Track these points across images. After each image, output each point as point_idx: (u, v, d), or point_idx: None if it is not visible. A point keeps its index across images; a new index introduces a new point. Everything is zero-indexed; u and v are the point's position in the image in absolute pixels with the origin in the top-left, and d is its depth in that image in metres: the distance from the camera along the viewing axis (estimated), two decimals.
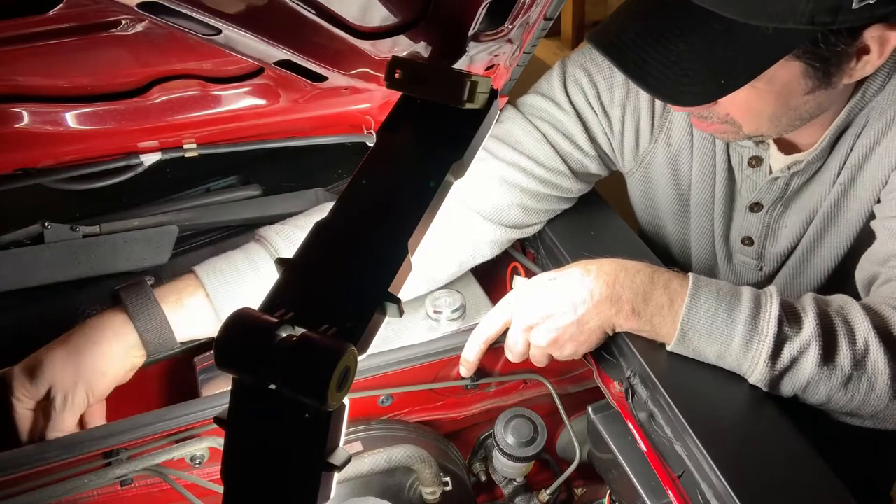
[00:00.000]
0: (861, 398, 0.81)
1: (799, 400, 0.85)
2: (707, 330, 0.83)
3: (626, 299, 0.86)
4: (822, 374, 0.80)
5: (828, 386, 0.81)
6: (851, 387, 0.80)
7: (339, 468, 0.64)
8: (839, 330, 0.81)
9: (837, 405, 0.83)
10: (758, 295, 0.84)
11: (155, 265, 1.15)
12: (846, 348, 0.80)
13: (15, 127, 0.91)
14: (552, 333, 0.88)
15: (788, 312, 0.82)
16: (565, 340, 0.88)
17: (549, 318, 0.88)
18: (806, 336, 0.80)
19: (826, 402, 0.83)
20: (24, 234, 1.10)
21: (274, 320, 0.64)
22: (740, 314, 0.82)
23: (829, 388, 0.81)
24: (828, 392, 0.81)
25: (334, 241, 0.74)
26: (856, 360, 0.80)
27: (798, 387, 0.82)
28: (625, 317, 0.87)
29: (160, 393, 1.13)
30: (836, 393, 0.81)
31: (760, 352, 0.81)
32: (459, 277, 1.18)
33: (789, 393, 0.84)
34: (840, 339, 0.80)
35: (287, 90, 1.04)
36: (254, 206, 1.25)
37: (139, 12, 0.68)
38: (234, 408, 0.67)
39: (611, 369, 0.92)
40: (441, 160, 0.79)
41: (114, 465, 0.89)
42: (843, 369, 0.80)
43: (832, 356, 0.80)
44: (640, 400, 0.87)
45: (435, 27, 0.84)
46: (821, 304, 0.84)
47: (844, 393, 0.81)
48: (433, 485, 1.00)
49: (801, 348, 0.80)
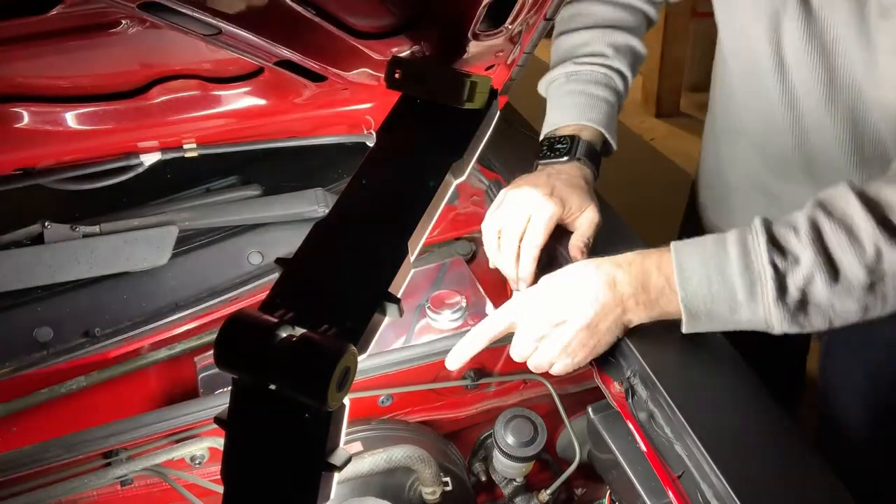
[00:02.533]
0: (887, 289, 0.76)
1: (847, 324, 0.80)
2: (709, 298, 0.81)
3: (629, 295, 0.85)
4: (840, 292, 0.76)
5: (854, 300, 0.77)
6: (880, 290, 0.76)
7: (339, 468, 0.64)
8: (842, 242, 0.76)
9: (878, 310, 0.78)
10: (744, 238, 0.80)
11: (155, 265, 1.15)
12: (855, 260, 0.75)
13: (15, 127, 0.91)
14: (564, 341, 0.87)
15: (780, 244, 0.78)
16: (577, 348, 0.88)
17: (560, 327, 0.87)
18: (807, 263, 0.76)
19: (865, 312, 0.78)
20: (24, 234, 1.10)
21: (274, 320, 0.64)
22: (732, 268, 0.79)
23: (856, 301, 0.77)
24: (859, 305, 0.77)
25: (334, 240, 0.74)
26: (870, 268, 0.75)
27: (825, 315, 0.78)
28: (634, 312, 0.86)
29: (160, 393, 1.13)
30: (867, 301, 0.77)
31: (767, 297, 0.78)
32: (459, 277, 1.18)
33: (823, 324, 0.79)
34: (845, 252, 0.76)
35: (287, 90, 1.04)
36: (254, 206, 1.25)
37: (139, 12, 0.68)
38: (234, 408, 0.67)
39: (611, 369, 0.92)
40: (441, 160, 0.79)
41: (114, 465, 0.89)
42: (860, 280, 0.76)
43: (842, 272, 0.76)
44: (640, 400, 0.87)
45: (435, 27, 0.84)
46: (815, 218, 0.79)
47: (875, 298, 0.77)
48: (433, 485, 1.00)
49: (806, 278, 0.76)
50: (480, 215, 1.28)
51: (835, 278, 0.76)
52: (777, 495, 0.75)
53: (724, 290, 0.80)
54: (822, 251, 0.76)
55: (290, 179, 1.30)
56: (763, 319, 0.80)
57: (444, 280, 1.21)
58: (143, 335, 1.11)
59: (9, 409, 1.04)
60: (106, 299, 1.13)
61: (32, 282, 1.09)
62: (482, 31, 0.85)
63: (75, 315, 1.11)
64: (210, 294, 1.16)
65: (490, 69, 0.98)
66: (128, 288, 1.15)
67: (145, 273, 1.15)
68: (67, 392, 1.06)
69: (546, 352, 0.89)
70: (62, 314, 1.11)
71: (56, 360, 1.07)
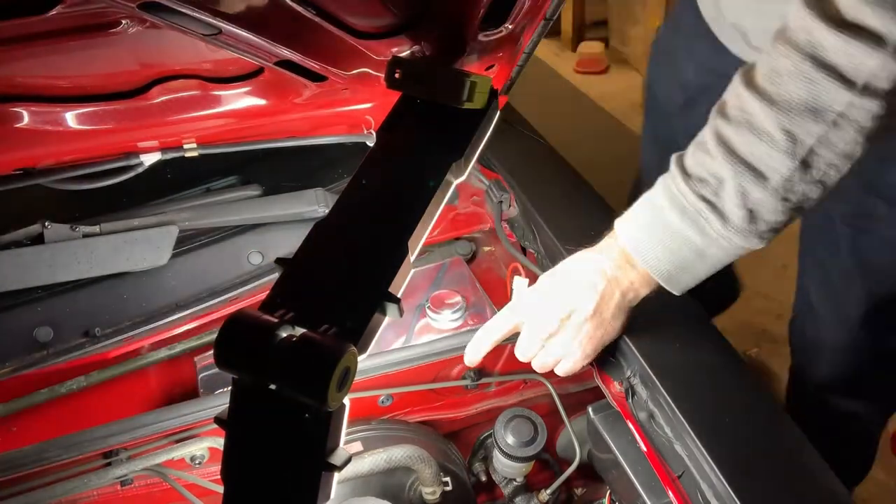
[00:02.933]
0: (823, 161, 0.73)
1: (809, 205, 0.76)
2: (671, 257, 0.80)
3: (621, 276, 0.85)
4: (778, 185, 0.73)
5: (798, 182, 0.73)
6: (816, 162, 0.72)
7: (339, 468, 0.64)
8: (749, 140, 0.73)
9: (833, 174, 0.74)
10: (666, 186, 0.80)
11: (155, 265, 1.15)
12: (770, 151, 0.72)
13: (15, 127, 0.91)
14: (572, 333, 0.87)
15: (698, 173, 0.76)
16: (586, 340, 0.87)
17: (568, 320, 0.87)
18: (730, 179, 0.74)
19: (821, 186, 0.74)
20: (24, 234, 1.10)
21: (274, 320, 0.64)
22: (671, 219, 0.78)
23: (801, 183, 0.73)
24: (807, 185, 0.74)
25: (334, 240, 0.74)
26: (789, 151, 0.72)
27: (783, 210, 0.75)
28: (632, 290, 0.85)
29: (160, 393, 1.13)
30: (812, 177, 0.73)
31: (716, 229, 0.76)
32: (459, 277, 1.18)
33: (789, 216, 0.76)
34: (757, 148, 0.73)
35: (287, 90, 1.04)
36: (254, 206, 1.25)
37: (139, 12, 0.68)
38: (234, 408, 0.67)
39: (611, 369, 0.92)
40: (441, 160, 0.79)
41: (114, 465, 0.89)
42: (788, 166, 0.72)
43: (766, 169, 0.73)
44: (640, 400, 0.87)
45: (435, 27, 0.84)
46: (717, 129, 0.76)
47: (819, 168, 0.72)
48: (433, 485, 1.00)
49: (738, 193, 0.74)
50: (480, 215, 1.28)
51: (763, 178, 0.74)
52: (777, 495, 0.75)
53: (678, 243, 0.79)
54: (737, 160, 0.74)
55: (290, 179, 1.30)
56: (730, 247, 0.78)
57: (444, 280, 1.21)
58: (143, 335, 1.11)
59: (9, 409, 1.04)
60: (106, 299, 1.13)
61: (32, 282, 1.09)
62: (482, 31, 0.85)
63: (75, 315, 1.11)
64: (210, 294, 1.16)
65: (490, 69, 0.98)
66: (128, 288, 1.15)
67: (145, 273, 1.15)
68: (67, 392, 1.06)
69: (554, 348, 0.89)
70: (62, 314, 1.11)
71: (56, 360, 1.07)
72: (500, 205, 1.18)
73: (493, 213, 1.20)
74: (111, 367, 1.10)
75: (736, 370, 0.89)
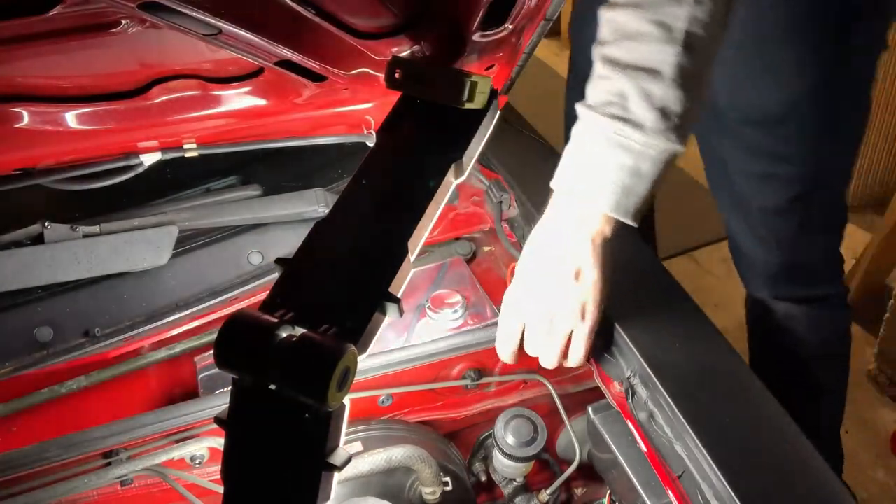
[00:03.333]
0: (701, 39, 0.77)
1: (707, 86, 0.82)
2: (607, 185, 0.81)
3: (583, 229, 0.84)
4: (676, 76, 0.77)
5: (695, 60, 0.78)
6: (697, 37, 0.77)
7: (339, 468, 0.64)
8: (630, 46, 0.78)
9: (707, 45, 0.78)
10: (576, 128, 0.83)
11: (155, 265, 1.15)
12: (654, 46, 0.77)
13: (15, 127, 0.91)
14: (572, 304, 0.86)
15: (600, 98, 0.80)
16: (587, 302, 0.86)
17: (561, 295, 0.86)
18: (630, 88, 0.78)
19: (715, 40, 0.79)
20: (24, 234, 1.10)
21: (274, 320, 0.64)
22: (592, 149, 0.81)
23: (699, 59, 0.78)
24: (706, 58, 0.79)
25: (334, 240, 0.74)
26: (669, 38, 0.77)
27: (690, 99, 0.79)
28: (598, 235, 0.85)
29: (160, 393, 1.13)
30: (710, 49, 0.78)
31: (637, 142, 0.79)
32: (459, 277, 1.18)
33: (691, 103, 0.79)
34: (642, 46, 0.77)
35: (287, 90, 1.04)
36: (254, 206, 1.25)
37: (139, 12, 0.68)
38: (234, 408, 0.67)
39: (611, 369, 0.92)
40: (441, 160, 0.79)
41: (114, 465, 0.89)
42: (673, 54, 0.77)
43: (656, 64, 0.77)
44: (640, 400, 0.87)
45: (435, 27, 0.84)
46: (602, 54, 0.81)
47: (691, 54, 0.77)
48: (433, 485, 1.00)
49: (643, 96, 0.78)
50: (480, 215, 1.28)
51: (657, 74, 0.77)
52: (777, 495, 0.75)
53: (613, 170, 0.81)
54: (629, 67, 0.78)
55: (290, 179, 1.30)
56: (658, 154, 0.80)
57: (444, 280, 1.21)
58: (143, 335, 1.11)
59: (9, 409, 1.04)
60: (106, 299, 1.13)
61: (32, 282, 1.09)
62: (482, 31, 0.85)
63: (75, 315, 1.11)
64: (210, 294, 1.16)
65: (490, 69, 0.98)
66: (128, 288, 1.15)
67: (145, 273, 1.15)
68: (67, 392, 1.06)
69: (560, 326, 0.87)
70: (62, 314, 1.11)
71: (56, 360, 1.07)
72: (500, 205, 1.19)
73: (493, 213, 1.20)
74: (111, 367, 1.10)
75: (736, 370, 0.89)
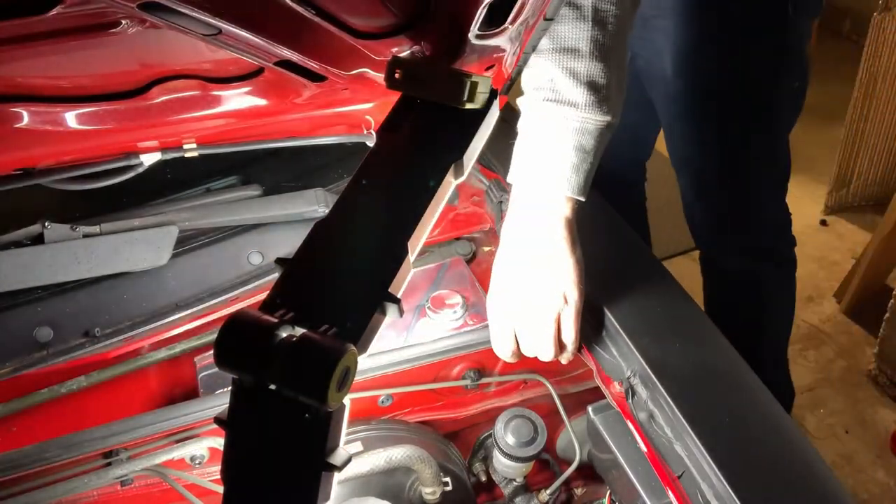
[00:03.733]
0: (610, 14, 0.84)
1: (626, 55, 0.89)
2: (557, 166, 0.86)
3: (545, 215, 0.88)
4: (595, 50, 0.83)
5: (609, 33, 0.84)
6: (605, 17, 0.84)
7: (339, 468, 0.64)
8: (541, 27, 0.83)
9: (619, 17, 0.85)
10: (519, 124, 0.91)
11: (155, 265, 1.15)
12: (574, 26, 0.84)
13: (15, 127, 0.91)
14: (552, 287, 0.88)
15: (527, 85, 0.89)
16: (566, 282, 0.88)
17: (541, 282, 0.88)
18: (556, 72, 0.84)
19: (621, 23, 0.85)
20: (24, 234, 1.10)
21: (274, 320, 0.64)
22: (536, 136, 0.88)
23: (595, 36, 0.84)
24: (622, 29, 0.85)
25: (334, 240, 0.74)
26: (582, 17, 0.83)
27: (599, 72, 0.84)
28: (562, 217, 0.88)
29: (160, 393, 1.13)
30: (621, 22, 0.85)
31: (574, 120, 0.84)
32: (459, 277, 1.18)
33: (615, 73, 0.85)
34: (565, 29, 0.84)
35: (287, 90, 1.04)
36: (254, 206, 1.25)
37: (139, 12, 0.68)
38: (234, 408, 0.67)
39: (611, 369, 0.92)
40: (441, 160, 0.79)
41: (114, 465, 0.89)
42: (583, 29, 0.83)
43: (575, 44, 0.84)
44: (640, 400, 0.87)
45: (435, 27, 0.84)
46: None
47: (604, 28, 0.84)
48: (433, 485, 1.00)
49: (571, 76, 0.83)
50: (480, 215, 1.28)
51: (577, 52, 0.83)
52: (777, 495, 0.75)
53: (559, 150, 0.86)
54: (549, 51, 0.84)
55: (290, 179, 1.30)
56: (595, 127, 0.86)
57: (444, 280, 1.21)
58: (143, 335, 1.11)
59: (9, 409, 1.04)
60: (106, 299, 1.13)
61: (32, 282, 1.09)
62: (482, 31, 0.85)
63: (75, 315, 1.11)
64: (210, 294, 1.16)
65: (490, 69, 0.98)
66: (128, 288, 1.15)
67: (145, 273, 1.15)
68: (67, 392, 1.06)
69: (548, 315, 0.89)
70: (62, 314, 1.11)
71: (56, 360, 1.07)
72: (500, 205, 1.18)
73: (493, 213, 1.20)
74: (111, 367, 1.10)
75: (736, 370, 0.89)
